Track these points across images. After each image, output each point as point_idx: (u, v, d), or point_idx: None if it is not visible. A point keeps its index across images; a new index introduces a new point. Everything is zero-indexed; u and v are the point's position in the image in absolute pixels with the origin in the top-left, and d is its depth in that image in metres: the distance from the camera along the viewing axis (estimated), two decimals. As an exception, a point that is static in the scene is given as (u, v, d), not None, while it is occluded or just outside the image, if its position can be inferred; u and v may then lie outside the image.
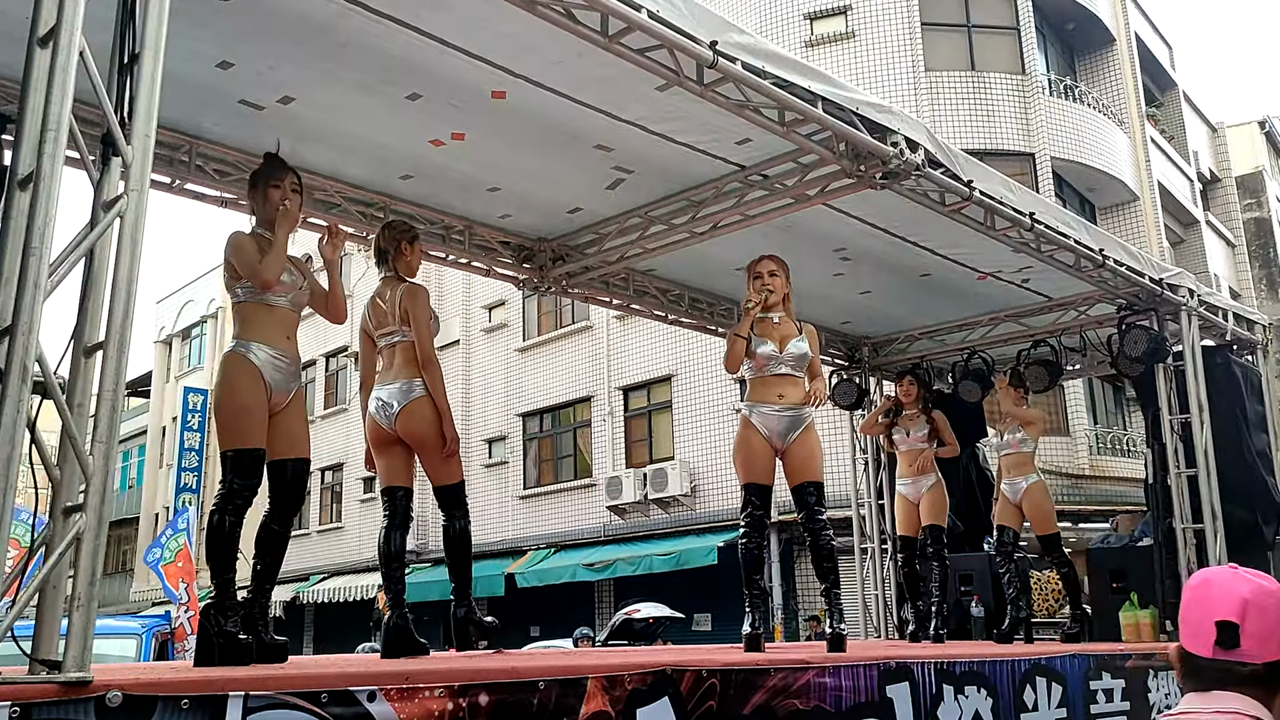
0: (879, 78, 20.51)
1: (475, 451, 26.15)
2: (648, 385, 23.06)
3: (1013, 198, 7.25)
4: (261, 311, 4.79)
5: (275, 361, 4.74)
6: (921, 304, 9.59)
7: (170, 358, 35.92)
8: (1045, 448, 19.21)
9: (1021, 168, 20.70)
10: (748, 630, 6.01)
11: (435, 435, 5.41)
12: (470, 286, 26.47)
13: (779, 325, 6.26)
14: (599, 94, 6.06)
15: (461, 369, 26.77)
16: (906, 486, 8.64)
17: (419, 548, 26.29)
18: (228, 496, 4.66)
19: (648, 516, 22.05)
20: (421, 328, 5.44)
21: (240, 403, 4.66)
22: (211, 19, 5.25)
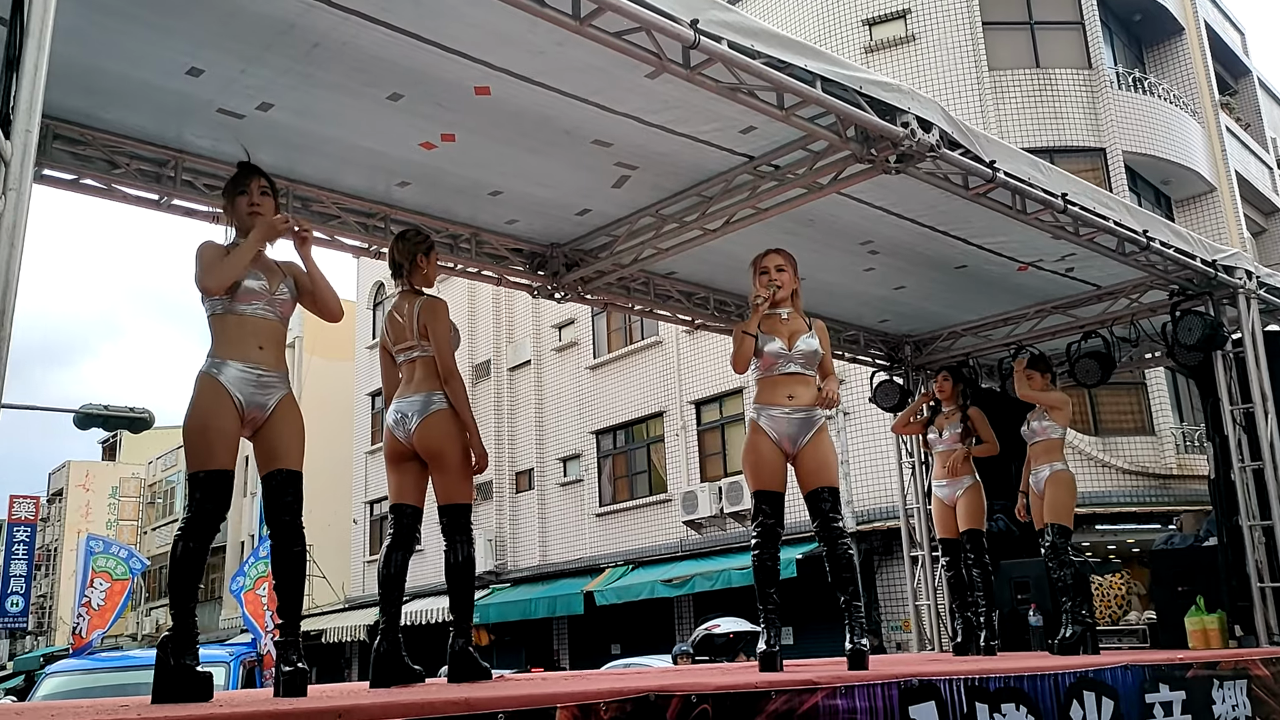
0: (941, 80, 19.98)
1: (550, 471, 25.99)
2: (719, 398, 22.68)
3: (1042, 178, 6.72)
4: (230, 324, 4.51)
5: (245, 375, 4.44)
6: (961, 298, 9.04)
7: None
8: (1130, 448, 18.55)
9: (1093, 163, 20.03)
10: (763, 648, 5.58)
11: (452, 450, 5.12)
12: (539, 307, 26.32)
13: (787, 321, 5.81)
14: (588, 85, 5.71)
15: (534, 389, 26.64)
16: (942, 489, 8.10)
17: (498, 568, 26.21)
18: (189, 521, 4.40)
19: (724, 530, 21.66)
20: (441, 342, 5.16)
21: (200, 423, 4.39)
22: (174, 23, 5.04)
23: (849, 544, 5.70)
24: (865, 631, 5.59)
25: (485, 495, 27.22)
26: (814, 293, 8.69)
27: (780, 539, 5.78)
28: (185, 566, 4.38)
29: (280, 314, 4.63)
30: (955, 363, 9.39)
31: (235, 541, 35.39)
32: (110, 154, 6.09)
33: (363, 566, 30.87)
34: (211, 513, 4.38)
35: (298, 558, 4.61)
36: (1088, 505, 17.43)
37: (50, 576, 45.67)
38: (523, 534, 26.44)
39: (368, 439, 31.09)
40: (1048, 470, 7.78)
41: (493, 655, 25.96)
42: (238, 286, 4.50)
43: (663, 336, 23.32)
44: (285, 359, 4.69)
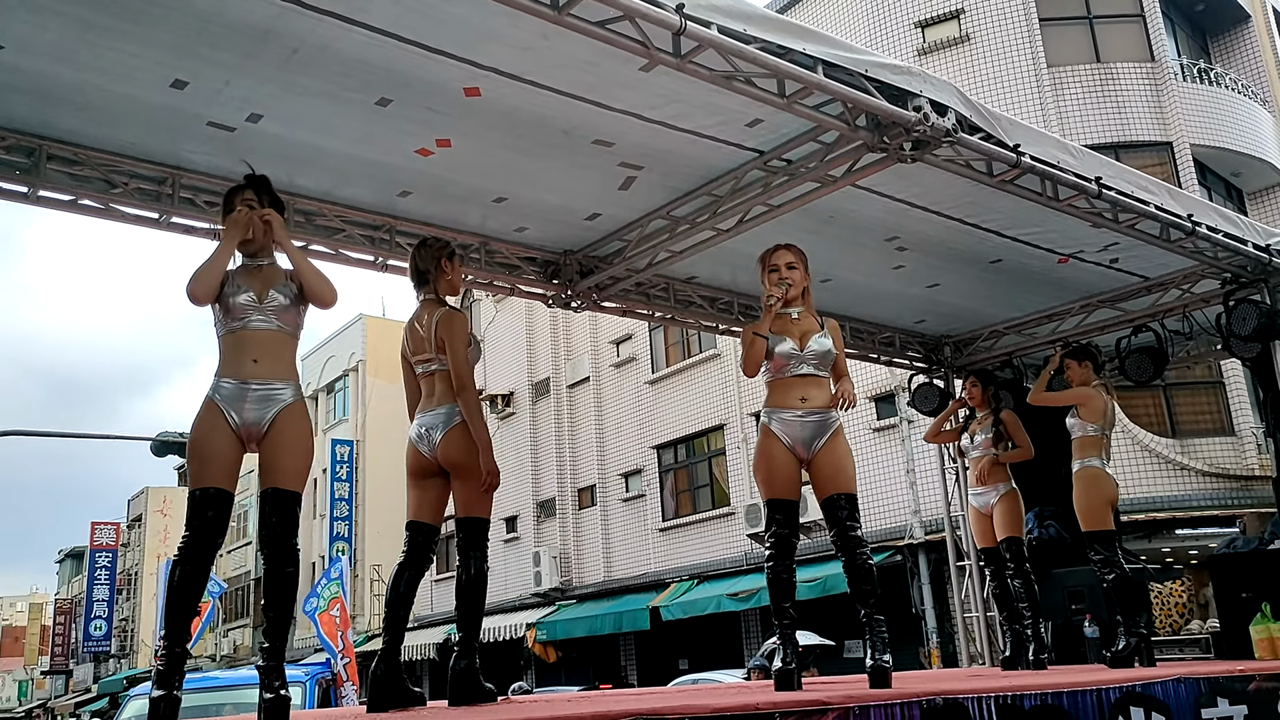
0: (998, 79, 19.50)
1: (612, 486, 25.78)
2: (779, 409, 22.28)
3: (1073, 162, 6.30)
4: (226, 341, 4.43)
5: (240, 391, 4.33)
6: (1000, 294, 8.60)
7: (317, 411, 36.36)
8: (1209, 450, 17.81)
9: (1159, 158, 19.39)
10: (778, 666, 5.23)
11: (476, 463, 4.94)
12: (597, 323, 26.17)
13: (799, 321, 5.47)
14: (581, 82, 5.47)
15: (594, 405, 26.45)
16: (977, 497, 7.67)
17: (564, 585, 26.01)
18: (184, 543, 4.27)
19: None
20: (458, 355, 4.97)
21: (194, 444, 4.32)
22: (153, 34, 4.91)
23: (868, 554, 5.35)
24: (888, 647, 5.22)
25: (549, 513, 27.08)
26: (843, 294, 8.38)
27: (795, 550, 5.44)
28: (181, 590, 4.23)
29: (280, 322, 4.46)
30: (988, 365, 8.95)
31: (307, 563, 35.55)
32: (107, 173, 5.98)
33: (430, 585, 30.83)
34: (205, 533, 4.24)
35: (289, 579, 4.44)
36: (1166, 510, 16.82)
37: (132, 600, 46.51)
38: (587, 550, 26.23)
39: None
40: (1076, 466, 7.32)
41: (561, 673, 25.77)
42: (227, 303, 4.39)
43: (721, 349, 23.01)
44: (292, 367, 4.53)
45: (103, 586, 41.74)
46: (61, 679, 52.38)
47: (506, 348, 28.85)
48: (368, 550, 32.08)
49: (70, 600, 52.09)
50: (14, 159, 5.73)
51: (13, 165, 5.73)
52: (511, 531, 27.98)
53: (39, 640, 58.08)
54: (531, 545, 26.89)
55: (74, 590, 51.75)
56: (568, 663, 25.97)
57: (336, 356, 35.42)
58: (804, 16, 21.45)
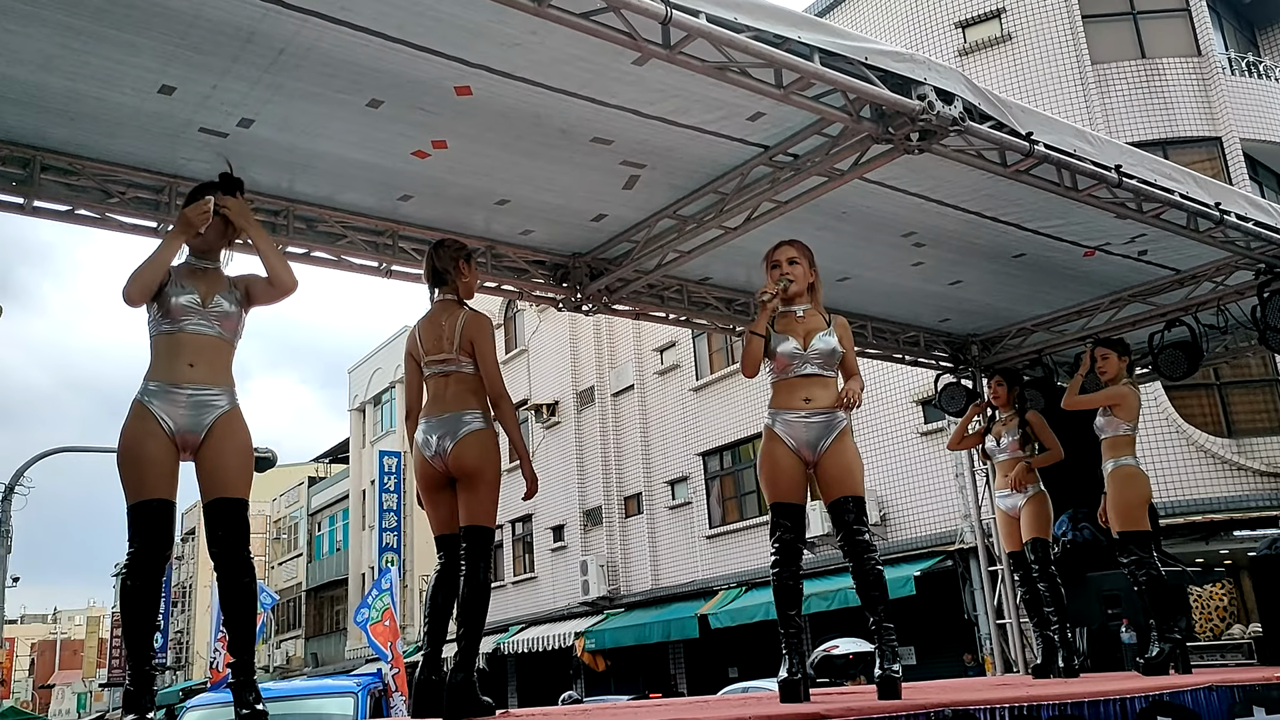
0: (1041, 78, 19.14)
1: (658, 494, 25.58)
2: (825, 414, 21.99)
3: (1091, 150, 6.03)
4: (160, 344, 4.20)
5: (174, 396, 4.10)
6: (1026, 290, 8.30)
7: (365, 424, 36.74)
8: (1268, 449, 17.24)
9: (1209, 153, 18.94)
10: (784, 676, 5.00)
11: (488, 471, 4.75)
12: (640, 330, 26.02)
13: (803, 319, 5.24)
14: (574, 78, 5.30)
15: (639, 413, 26.27)
16: (1004, 500, 7.38)
17: (611, 593, 25.85)
18: (130, 560, 4.05)
19: (838, 550, 20.88)
20: (488, 360, 4.79)
21: (128, 453, 4.07)
22: (137, 39, 4.82)
23: (877, 559, 5.10)
24: (897, 656, 4.98)
25: (595, 521, 26.95)
26: (863, 293, 8.14)
27: (802, 555, 5.22)
28: (134, 607, 4.04)
29: (220, 328, 4.27)
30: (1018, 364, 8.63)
31: (356, 574, 35.80)
32: (103, 183, 5.91)
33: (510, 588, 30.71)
34: (151, 546, 4.03)
35: (247, 590, 4.23)
36: (1223, 511, 16.34)
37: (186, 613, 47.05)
38: (634, 558, 26.04)
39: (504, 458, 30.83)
40: (1111, 466, 7.00)
41: (610, 681, 25.59)
42: (167, 303, 4.18)
43: (765, 355, 22.77)
44: (229, 374, 4.31)
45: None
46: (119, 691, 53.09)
47: (550, 357, 28.79)
48: (416, 560, 32.14)
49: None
50: (10, 170, 5.67)
51: (8, 177, 5.67)
52: (559, 540, 27.87)
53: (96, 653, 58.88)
54: (579, 554, 26.75)
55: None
56: (617, 671, 25.80)
57: (383, 369, 35.57)
58: (843, 19, 21.21)
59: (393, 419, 34.90)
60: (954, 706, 4.50)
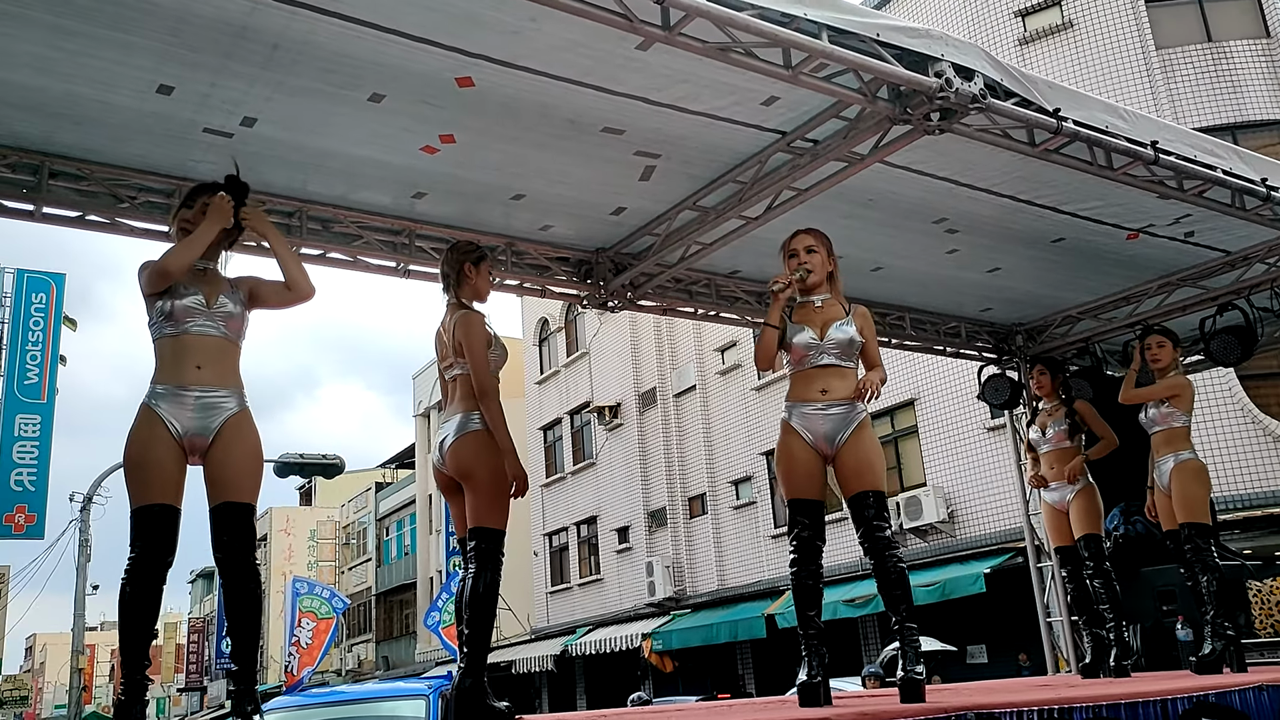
0: (1104, 66, 18.63)
1: (722, 494, 25.33)
2: (890, 412, 21.68)
3: (1124, 126, 5.68)
4: (166, 347, 4.13)
5: (182, 398, 4.02)
6: (1068, 277, 7.91)
7: (430, 429, 36.67)
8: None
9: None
10: (803, 679, 4.79)
11: (482, 471, 4.62)
12: (701, 331, 25.80)
13: (821, 309, 5.00)
14: (576, 65, 5.11)
15: (701, 414, 26.04)
16: (1051, 493, 7.04)
17: (678, 594, 25.66)
18: (131, 565, 3.94)
19: (905, 547, 20.60)
20: (476, 357, 4.66)
21: (134, 457, 3.99)
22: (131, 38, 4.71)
23: (899, 557, 4.85)
24: (921, 658, 4.71)
25: (659, 522, 26.76)
26: (898, 283, 7.87)
27: (822, 553, 4.98)
28: (131, 614, 3.93)
29: (226, 329, 4.20)
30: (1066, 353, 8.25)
31: (424, 577, 35.95)
32: (113, 187, 5.85)
33: (545, 597, 30.85)
34: (152, 552, 3.93)
35: (253, 598, 4.13)
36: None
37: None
38: (699, 559, 25.81)
39: (542, 473, 31.16)
40: (1171, 461, 6.64)
41: (678, 682, 25.37)
42: (170, 305, 4.11)
43: (826, 353, 22.43)
44: (237, 375, 4.23)
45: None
46: (196, 695, 54.07)
47: (612, 359, 28.68)
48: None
49: (203, 619, 53.72)
50: (19, 177, 5.62)
51: (18, 183, 5.63)
52: (624, 542, 27.72)
53: (174, 659, 60.02)
54: (644, 555, 26.59)
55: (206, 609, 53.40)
56: (685, 672, 25.59)
57: (445, 375, 35.66)
58: (901, 11, 20.79)
59: (454, 424, 34.94)
60: (977, 709, 4.26)
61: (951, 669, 17.83)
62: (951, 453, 20.07)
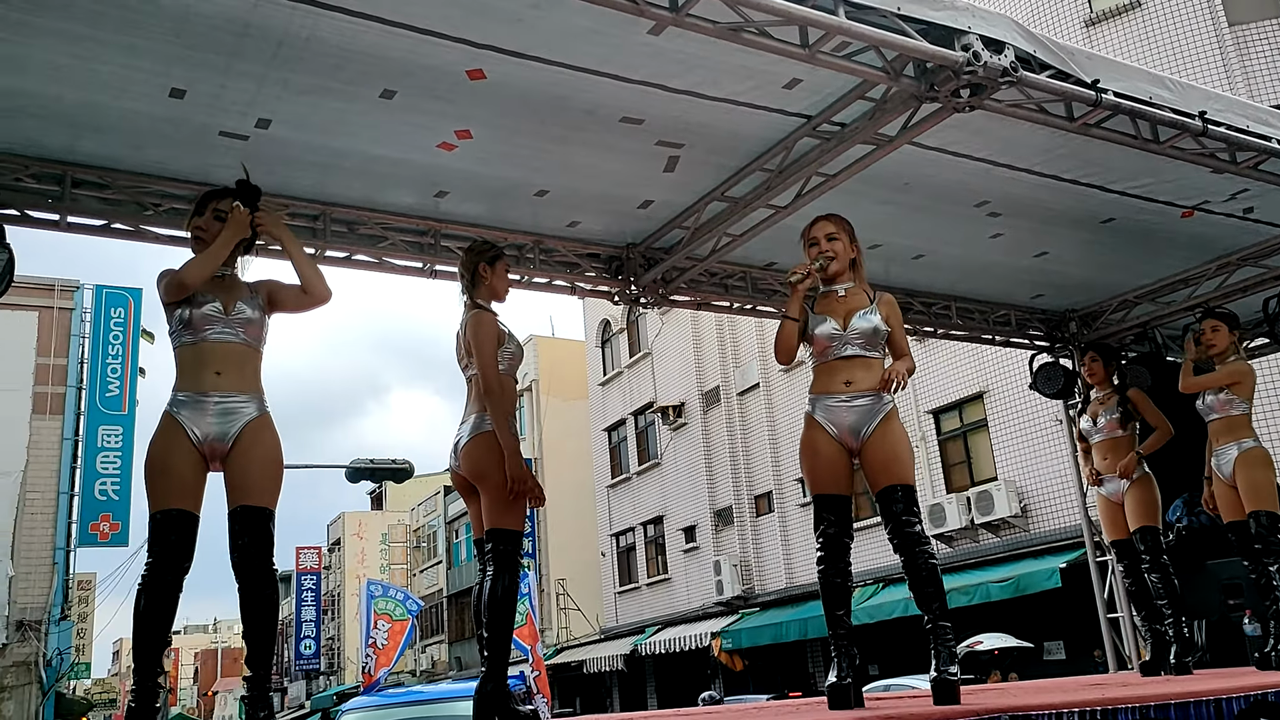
0: (1175, 45, 17.90)
1: (789, 492, 25.01)
2: (958, 405, 21.22)
3: (1169, 97, 5.36)
4: (185, 355, 4.11)
5: (202, 405, 4.01)
6: (1121, 259, 7.54)
7: (495, 432, 36.77)
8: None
9: (1366, 114, 17.33)
10: (833, 680, 4.59)
11: (496, 472, 4.50)
12: (764, 329, 25.45)
13: (845, 298, 4.78)
14: (589, 53, 4.96)
15: (766, 411, 25.74)
16: (1105, 484, 6.70)
17: (746, 592, 25.40)
18: (147, 571, 3.91)
19: (977, 542, 20.18)
20: (483, 356, 4.57)
21: (152, 463, 3.98)
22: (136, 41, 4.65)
23: (931, 551, 4.61)
24: (955, 657, 4.48)
25: (726, 521, 26.51)
26: (943, 270, 7.60)
27: (849, 550, 4.76)
28: (148, 622, 3.87)
29: (245, 335, 4.18)
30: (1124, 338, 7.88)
31: (496, 579, 36.08)
32: (136, 195, 5.82)
33: (614, 598, 30.75)
34: (168, 557, 3.89)
35: (269, 603, 4.06)
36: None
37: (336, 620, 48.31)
38: (767, 557, 25.51)
39: (607, 473, 31.09)
40: (1234, 450, 6.29)
41: (748, 681, 25.10)
42: (190, 313, 4.08)
43: (891, 348, 22.02)
44: (258, 381, 4.20)
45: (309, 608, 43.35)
46: (277, 696, 54.95)
47: (674, 358, 28.49)
48: (551, 565, 32.27)
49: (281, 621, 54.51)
50: (44, 187, 5.61)
51: (42, 193, 5.62)
52: (690, 541, 27.50)
53: None
54: (711, 554, 26.35)
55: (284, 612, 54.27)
56: (755, 671, 25.31)
57: (511, 378, 35.82)
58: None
59: (522, 427, 35.11)
60: (1013, 711, 4.01)
61: (1029, 667, 17.38)
62: (1023, 445, 19.51)
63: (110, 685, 67.42)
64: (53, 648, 24.55)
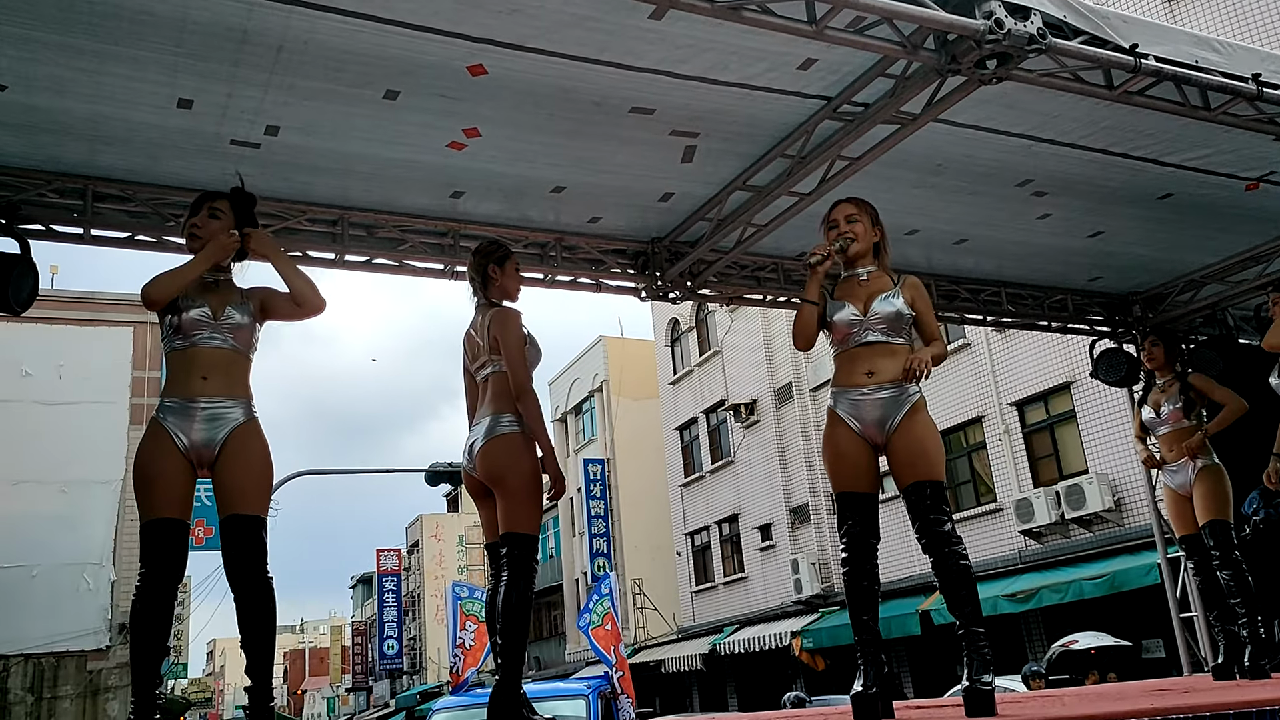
0: (1265, 18, 16.99)
1: (868, 486, 24.45)
2: (1044, 396, 20.49)
3: (1218, 60, 4.98)
4: (174, 360, 4.05)
5: (188, 410, 3.93)
6: (1183, 237, 7.08)
7: (567, 433, 36.91)
8: None
9: None
10: (859, 690, 4.32)
11: (515, 474, 4.37)
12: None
13: (867, 282, 4.51)
14: (589, 42, 4.77)
15: (836, 408, 25.23)
16: (1171, 476, 6.28)
17: (825, 591, 24.95)
18: (141, 581, 3.83)
19: (1068, 538, 19.46)
20: (513, 353, 4.44)
21: (140, 472, 3.92)
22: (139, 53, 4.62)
23: (962, 552, 4.30)
24: (989, 665, 4.17)
25: (803, 519, 26.07)
26: (989, 255, 7.29)
27: (875, 551, 4.50)
28: (141, 631, 3.80)
29: (234, 341, 4.09)
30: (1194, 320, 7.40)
31: (570, 579, 36.04)
32: (157, 207, 5.78)
33: (690, 597, 30.45)
34: (161, 568, 3.81)
35: (265, 613, 3.96)
36: None
37: (416, 620, 48.78)
38: (846, 556, 24.99)
39: (680, 472, 30.83)
40: None
41: (830, 681, 24.64)
42: (179, 318, 4.01)
43: (971, 339, 21.38)
44: (246, 387, 4.12)
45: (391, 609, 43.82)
46: (363, 695, 55.70)
47: (745, 356, 28.13)
48: (626, 565, 32.14)
49: (365, 622, 55.43)
50: (67, 201, 5.60)
51: (66, 208, 5.61)
52: (767, 540, 27.10)
53: (341, 660, 62.24)
54: (788, 552, 25.93)
55: (367, 613, 55.10)
56: (837, 670, 24.84)
57: (581, 379, 35.79)
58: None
59: (593, 428, 35.03)
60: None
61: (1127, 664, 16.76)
62: (1115, 436, 18.60)
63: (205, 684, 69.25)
64: (154, 649, 25.18)
